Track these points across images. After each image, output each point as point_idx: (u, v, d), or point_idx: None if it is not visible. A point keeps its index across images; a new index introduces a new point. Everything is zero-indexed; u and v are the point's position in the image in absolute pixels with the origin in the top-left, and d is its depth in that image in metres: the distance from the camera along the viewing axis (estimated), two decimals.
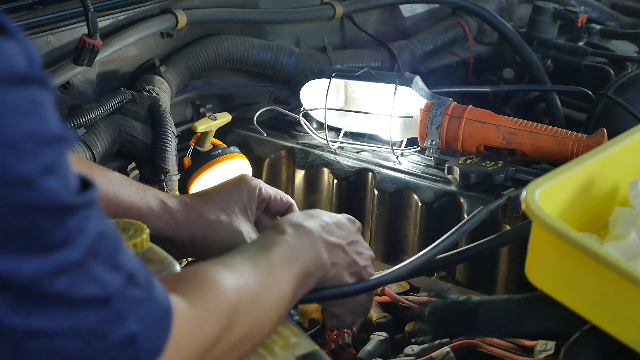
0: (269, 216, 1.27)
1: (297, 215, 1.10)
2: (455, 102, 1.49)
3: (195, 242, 1.19)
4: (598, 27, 2.06)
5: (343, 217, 1.14)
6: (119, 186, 1.16)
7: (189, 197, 1.22)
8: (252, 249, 0.99)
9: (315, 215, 1.10)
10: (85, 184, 0.70)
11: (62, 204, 0.66)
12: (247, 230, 1.20)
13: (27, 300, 0.66)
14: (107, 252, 0.71)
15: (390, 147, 1.52)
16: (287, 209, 1.26)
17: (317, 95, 1.57)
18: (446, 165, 1.43)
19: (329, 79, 1.54)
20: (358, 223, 1.17)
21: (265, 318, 0.93)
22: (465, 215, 1.35)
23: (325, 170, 1.54)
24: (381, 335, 1.26)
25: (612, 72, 1.88)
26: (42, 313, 0.67)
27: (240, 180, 1.24)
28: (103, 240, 0.71)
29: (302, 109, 1.58)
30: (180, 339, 0.78)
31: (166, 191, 1.46)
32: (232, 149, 1.51)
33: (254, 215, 1.23)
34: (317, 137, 1.58)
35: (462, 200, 1.39)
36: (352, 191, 1.51)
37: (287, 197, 1.27)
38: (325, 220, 1.09)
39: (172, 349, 0.77)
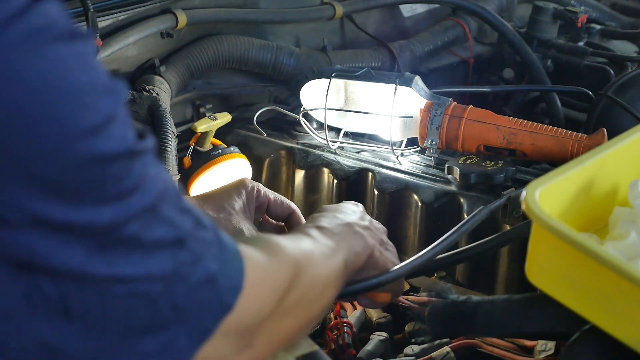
0: (271, 222, 1.27)
1: (317, 216, 1.10)
2: (455, 102, 1.49)
3: None
4: (598, 27, 2.06)
5: (348, 203, 1.16)
6: None
7: (187, 198, 1.22)
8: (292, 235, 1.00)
9: (332, 210, 1.11)
10: (140, 134, 0.72)
11: (128, 149, 0.68)
12: (248, 228, 1.20)
13: (106, 247, 0.67)
14: (173, 197, 0.73)
15: (390, 147, 1.52)
16: (289, 215, 1.26)
17: (317, 95, 1.57)
18: (446, 165, 1.43)
19: (329, 79, 1.54)
20: (360, 205, 1.19)
21: (321, 285, 0.94)
22: (465, 215, 1.35)
23: (325, 170, 1.54)
24: (381, 335, 1.26)
25: (612, 72, 1.88)
26: (121, 259, 0.68)
27: (239, 183, 1.25)
28: (167, 186, 0.72)
29: (302, 109, 1.58)
30: (254, 279, 0.79)
31: None
32: (232, 149, 1.51)
33: (252, 216, 1.23)
34: (317, 137, 1.58)
35: (462, 200, 1.39)
36: (352, 191, 1.51)
37: (289, 202, 1.27)
38: (344, 211, 1.11)
39: (249, 286, 0.78)
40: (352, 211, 1.13)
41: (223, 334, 0.77)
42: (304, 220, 1.25)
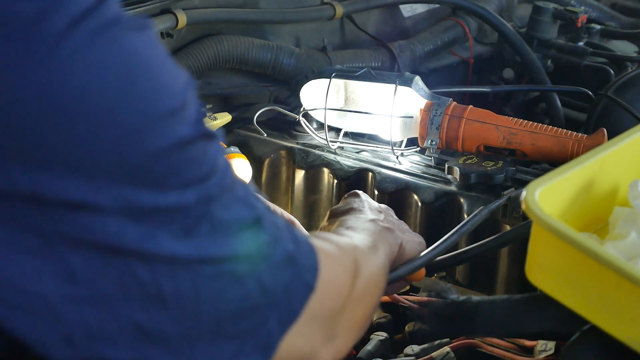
0: None
1: (341, 220, 1.11)
2: (455, 102, 1.49)
3: None
4: (598, 27, 2.06)
5: (353, 199, 1.18)
6: None
7: None
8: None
9: (348, 212, 1.13)
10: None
11: (204, 132, 0.70)
12: None
13: (191, 230, 0.69)
14: (241, 181, 0.76)
15: (390, 147, 1.52)
16: None
17: (317, 95, 1.57)
18: (446, 165, 1.43)
19: (329, 79, 1.54)
20: (363, 194, 1.20)
21: (376, 275, 0.97)
22: (465, 215, 1.35)
23: (325, 170, 1.53)
24: (381, 335, 1.25)
25: (612, 72, 1.88)
26: (206, 240, 0.69)
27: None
28: (232, 170, 0.75)
29: (302, 109, 1.58)
30: (327, 263, 0.82)
31: None
32: (232, 149, 1.51)
33: None
34: (317, 137, 1.58)
35: (462, 200, 1.39)
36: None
37: (288, 215, 1.26)
38: (360, 209, 1.13)
39: (324, 269, 0.81)
40: (367, 208, 1.14)
41: (309, 319, 0.80)
42: (304, 231, 1.24)
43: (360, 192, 1.21)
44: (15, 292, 0.65)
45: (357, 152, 1.56)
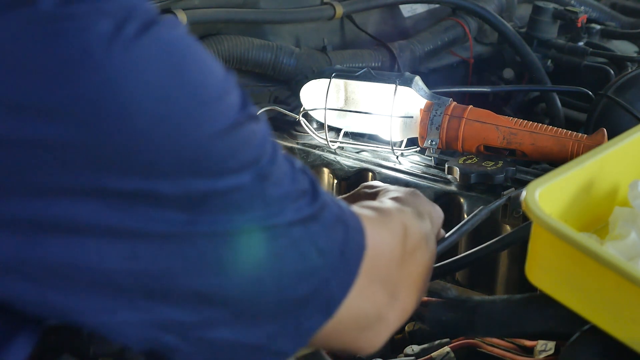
0: None
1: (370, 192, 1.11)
2: (455, 102, 1.49)
3: None
4: (598, 27, 2.06)
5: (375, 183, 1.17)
6: None
7: None
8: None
9: (377, 193, 1.11)
10: None
11: (250, 114, 0.73)
12: None
13: (247, 208, 0.72)
14: (287, 157, 0.78)
15: (390, 147, 1.52)
16: None
17: (317, 95, 1.57)
18: (446, 165, 1.43)
19: (329, 79, 1.54)
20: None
21: (424, 243, 0.98)
22: (465, 215, 1.35)
23: (325, 170, 1.53)
24: None
25: (612, 72, 1.88)
26: (261, 214, 0.73)
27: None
28: (280, 148, 0.78)
29: (302, 109, 1.58)
30: (371, 225, 0.85)
31: None
32: None
33: None
34: (317, 137, 1.58)
35: (462, 200, 1.39)
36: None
37: None
38: (387, 189, 1.11)
39: (370, 228, 0.84)
40: (394, 189, 1.13)
41: (368, 279, 0.82)
42: None
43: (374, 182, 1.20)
44: (79, 271, 0.68)
45: (357, 152, 1.56)
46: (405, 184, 1.44)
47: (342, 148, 1.57)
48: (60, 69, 0.64)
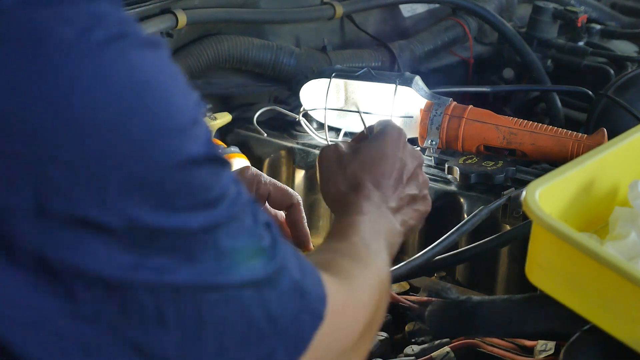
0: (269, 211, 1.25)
1: (367, 182, 1.05)
2: (455, 102, 1.49)
3: None
4: (598, 27, 2.06)
5: (384, 145, 1.08)
6: None
7: None
8: (339, 232, 0.98)
9: (370, 176, 1.06)
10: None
11: (214, 154, 0.69)
12: None
13: (197, 256, 0.67)
14: (254, 209, 0.74)
15: None
16: (290, 207, 1.23)
17: (317, 95, 1.57)
18: (446, 165, 1.43)
19: (329, 79, 1.54)
20: (419, 158, 1.11)
21: (383, 309, 0.94)
22: (465, 215, 1.35)
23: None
24: (381, 335, 1.25)
25: (612, 72, 1.88)
26: (209, 266, 0.68)
27: (238, 175, 1.21)
28: (248, 198, 0.73)
29: (302, 109, 1.58)
30: (335, 294, 0.79)
31: None
32: (232, 149, 1.51)
33: None
34: (317, 137, 1.58)
35: (462, 200, 1.39)
36: None
37: (291, 193, 1.24)
38: (381, 177, 1.06)
39: (332, 297, 0.78)
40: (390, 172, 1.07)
41: (320, 351, 0.76)
42: (303, 215, 1.23)
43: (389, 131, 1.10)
44: (13, 307, 0.63)
45: None
46: None
47: None
48: (13, 76, 0.60)
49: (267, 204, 1.24)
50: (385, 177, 1.06)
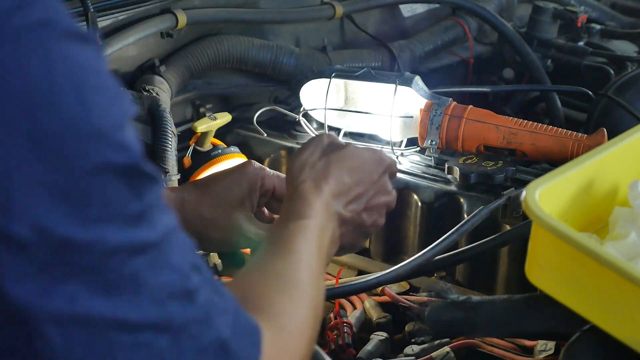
0: (265, 215, 1.24)
1: (318, 183, 1.02)
2: (455, 102, 1.49)
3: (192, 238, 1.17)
4: (598, 27, 2.07)
5: (368, 160, 1.08)
6: None
7: (186, 191, 1.19)
8: (278, 245, 0.94)
9: (337, 175, 1.04)
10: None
11: (137, 165, 0.65)
12: (245, 226, 1.17)
13: (111, 286, 0.63)
14: (184, 247, 0.69)
15: (390, 147, 1.52)
16: None
17: (317, 95, 1.57)
18: (446, 165, 1.43)
19: (329, 79, 1.54)
20: (386, 161, 1.10)
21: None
22: (465, 215, 1.35)
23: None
24: (381, 335, 1.25)
25: (612, 72, 1.88)
26: (126, 301, 0.63)
27: (242, 170, 1.20)
28: (178, 234, 0.69)
29: (302, 109, 1.58)
30: (268, 357, 0.75)
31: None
32: (232, 149, 1.51)
33: (254, 207, 1.19)
34: None
35: (462, 200, 1.39)
36: None
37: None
38: (345, 184, 1.04)
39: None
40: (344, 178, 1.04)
41: None
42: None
43: (318, 141, 1.09)
44: None
45: None
46: (405, 184, 1.44)
47: None
48: None
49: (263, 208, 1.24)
50: (352, 185, 1.05)
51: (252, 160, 1.22)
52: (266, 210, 1.24)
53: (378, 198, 1.09)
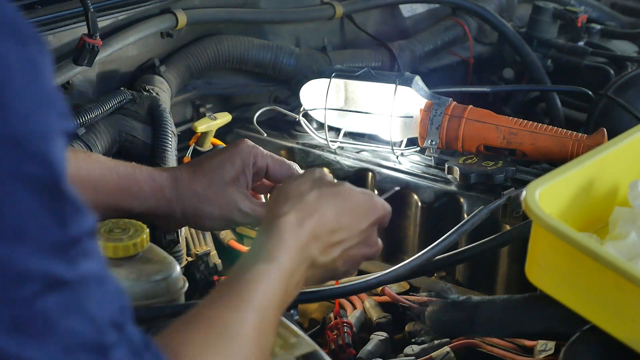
0: (265, 185, 1.23)
1: (298, 226, 0.94)
2: (455, 102, 1.49)
3: (187, 216, 1.18)
4: (598, 27, 2.07)
5: (361, 204, 1.01)
6: (105, 169, 1.14)
7: (180, 170, 1.19)
8: (235, 290, 0.86)
9: (324, 214, 0.97)
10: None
11: (56, 182, 0.59)
12: (239, 201, 1.17)
13: (20, 324, 0.58)
14: (108, 302, 0.64)
15: (391, 147, 1.52)
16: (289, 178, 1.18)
17: (317, 95, 1.57)
18: (446, 165, 1.43)
19: (329, 79, 1.54)
20: (379, 211, 1.04)
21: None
22: (465, 215, 1.35)
23: (325, 170, 1.53)
24: (381, 335, 1.26)
25: (612, 72, 1.88)
26: (33, 340, 0.58)
27: (234, 148, 1.19)
28: (103, 285, 0.63)
29: (302, 109, 1.58)
30: None
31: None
32: None
33: (248, 184, 1.19)
34: (317, 137, 1.58)
35: (462, 200, 1.39)
36: None
37: (289, 164, 1.22)
38: (330, 225, 0.97)
39: None
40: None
41: None
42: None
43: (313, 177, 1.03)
44: None
45: (357, 152, 1.56)
46: (405, 184, 1.44)
47: (342, 148, 1.57)
48: None
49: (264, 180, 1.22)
50: (336, 228, 0.98)
51: (246, 139, 1.22)
52: (266, 182, 1.24)
53: (359, 249, 1.03)
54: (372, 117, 1.54)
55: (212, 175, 1.18)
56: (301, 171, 1.22)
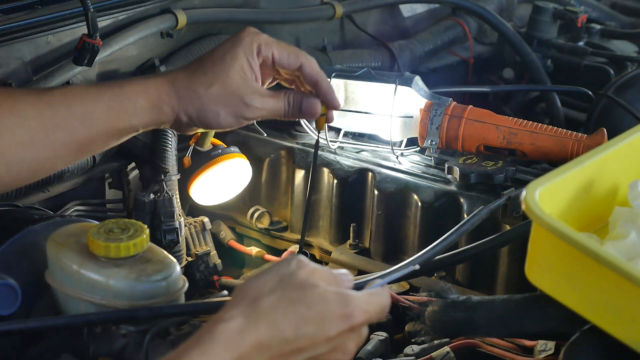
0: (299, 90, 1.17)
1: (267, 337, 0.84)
2: (455, 102, 1.49)
3: (193, 118, 1.11)
4: (598, 27, 2.07)
5: (331, 313, 0.87)
6: (89, 102, 1.07)
7: (176, 72, 1.12)
8: None
9: (276, 322, 0.85)
10: None
11: None
12: (246, 96, 1.10)
13: None
14: None
15: (390, 147, 1.52)
16: (299, 67, 1.14)
17: None
18: (446, 165, 1.43)
19: (329, 79, 1.54)
20: (356, 319, 0.88)
21: None
22: (465, 215, 1.35)
23: (325, 170, 1.53)
24: (381, 335, 1.25)
25: (612, 72, 1.88)
26: None
27: (235, 38, 1.12)
28: None
29: None
30: None
31: (166, 192, 1.45)
32: (232, 149, 1.51)
33: (257, 76, 1.12)
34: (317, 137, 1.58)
35: (462, 200, 1.39)
36: (352, 191, 1.51)
37: (297, 51, 1.15)
38: (282, 334, 0.85)
39: None
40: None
41: None
42: (318, 69, 1.15)
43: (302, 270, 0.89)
44: None
45: (357, 152, 1.56)
46: (405, 184, 1.44)
47: (342, 148, 1.57)
48: None
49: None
50: (292, 338, 0.85)
51: (249, 27, 1.15)
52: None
53: (331, 355, 0.89)
54: (372, 117, 1.54)
55: (212, 71, 1.10)
56: (311, 60, 1.14)
